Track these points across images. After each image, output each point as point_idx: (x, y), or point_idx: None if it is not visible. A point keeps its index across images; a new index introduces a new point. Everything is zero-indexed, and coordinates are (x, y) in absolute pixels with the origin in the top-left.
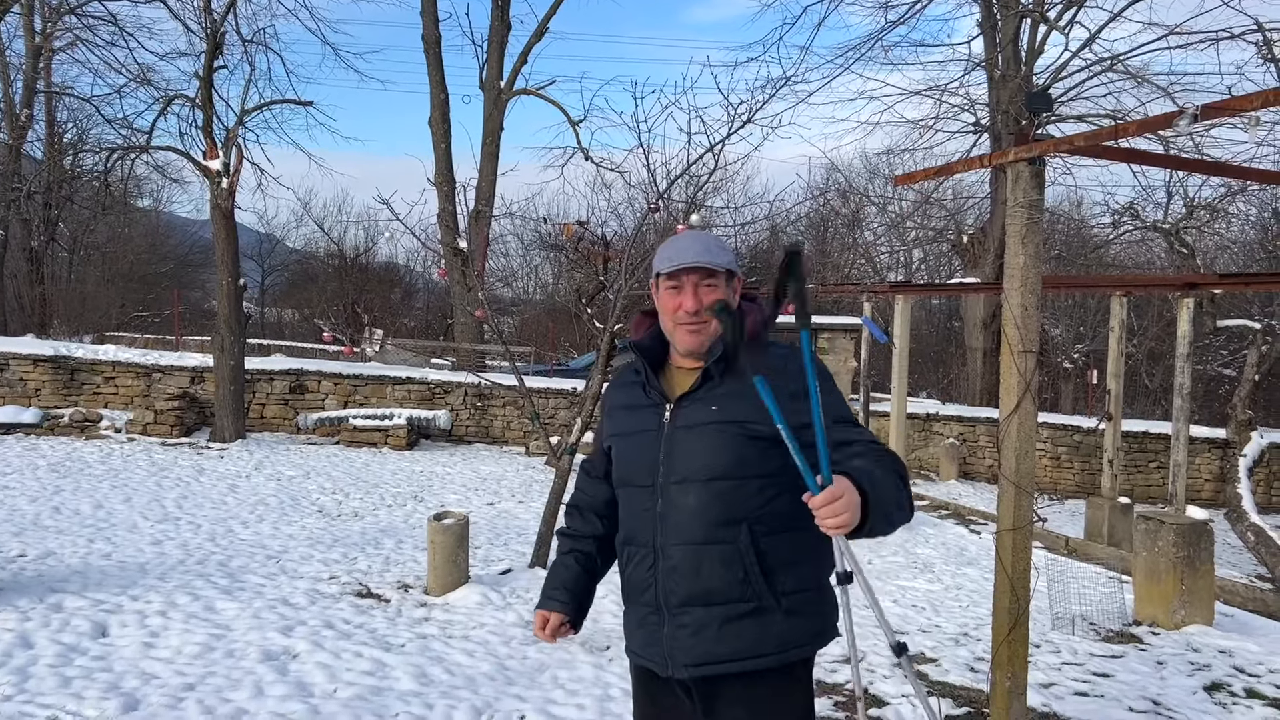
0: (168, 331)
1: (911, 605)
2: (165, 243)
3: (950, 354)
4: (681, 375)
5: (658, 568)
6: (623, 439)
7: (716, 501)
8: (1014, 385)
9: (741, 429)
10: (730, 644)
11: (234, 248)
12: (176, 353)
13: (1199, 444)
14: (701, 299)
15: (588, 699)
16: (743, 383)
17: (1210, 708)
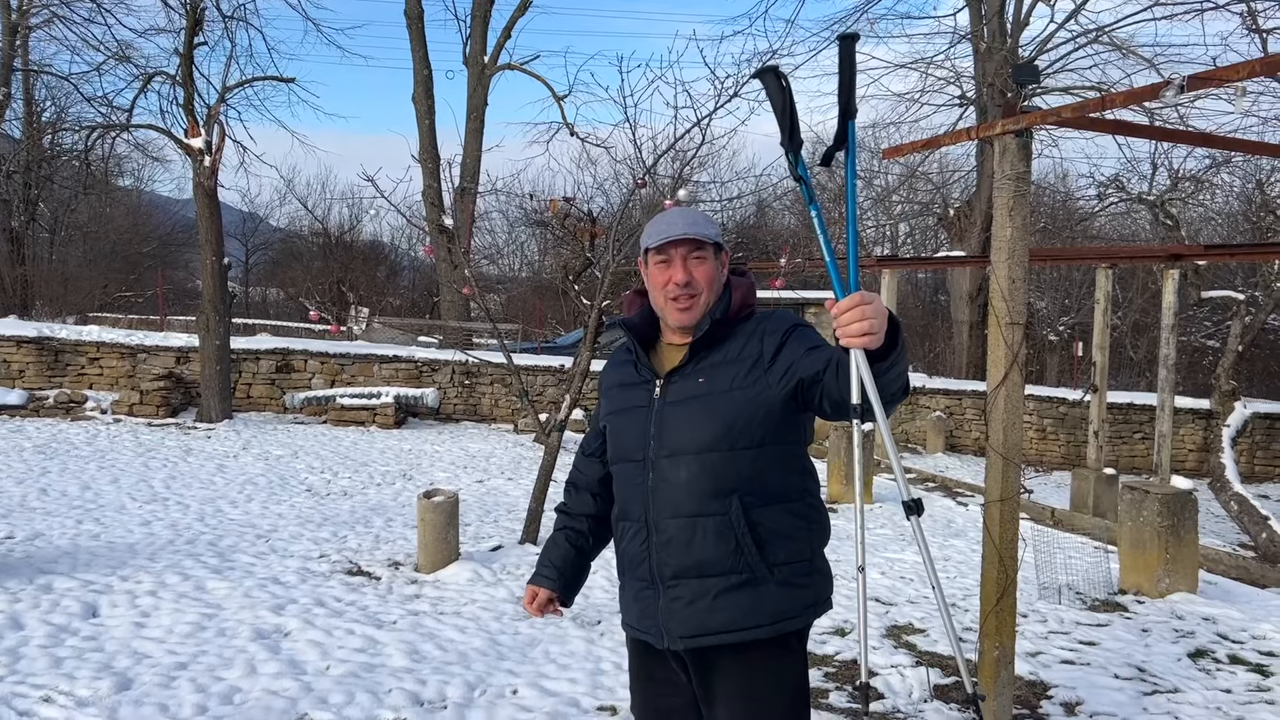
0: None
1: (900, 577)
2: (148, 222)
3: (936, 328)
4: (672, 352)
5: (651, 541)
6: (618, 416)
7: (707, 474)
8: (1001, 357)
9: (728, 397)
10: (724, 615)
11: (217, 226)
12: (161, 333)
13: (1183, 415)
14: (691, 272)
15: (580, 672)
16: (727, 350)
17: (1195, 674)
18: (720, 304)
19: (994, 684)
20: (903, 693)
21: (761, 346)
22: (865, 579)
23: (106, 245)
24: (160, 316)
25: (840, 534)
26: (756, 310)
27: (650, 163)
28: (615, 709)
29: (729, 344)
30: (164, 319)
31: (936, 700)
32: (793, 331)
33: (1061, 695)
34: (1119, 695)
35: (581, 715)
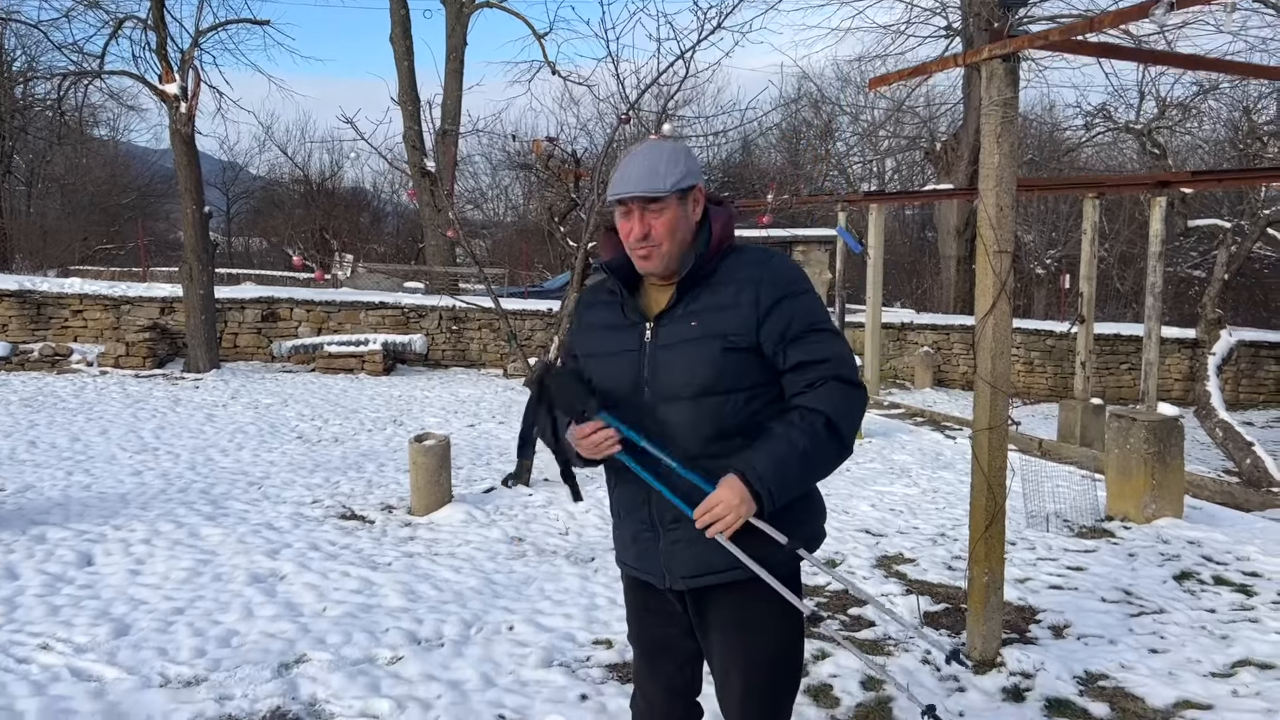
0: (134, 264)
1: (889, 509)
2: (125, 173)
3: (924, 264)
4: (656, 292)
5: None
6: (603, 359)
7: (704, 417)
8: (989, 286)
9: (722, 342)
10: (726, 555)
11: (196, 174)
12: (144, 284)
13: (1169, 344)
14: (649, 225)
15: (574, 608)
16: (720, 293)
17: (1180, 595)
18: (701, 238)
19: (983, 609)
20: (893, 620)
21: (757, 297)
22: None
23: (85, 197)
24: (142, 268)
25: None
26: (736, 241)
27: (634, 98)
28: (610, 642)
29: (720, 286)
30: (146, 271)
31: (927, 627)
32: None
33: (1050, 619)
34: (1106, 618)
35: (577, 649)
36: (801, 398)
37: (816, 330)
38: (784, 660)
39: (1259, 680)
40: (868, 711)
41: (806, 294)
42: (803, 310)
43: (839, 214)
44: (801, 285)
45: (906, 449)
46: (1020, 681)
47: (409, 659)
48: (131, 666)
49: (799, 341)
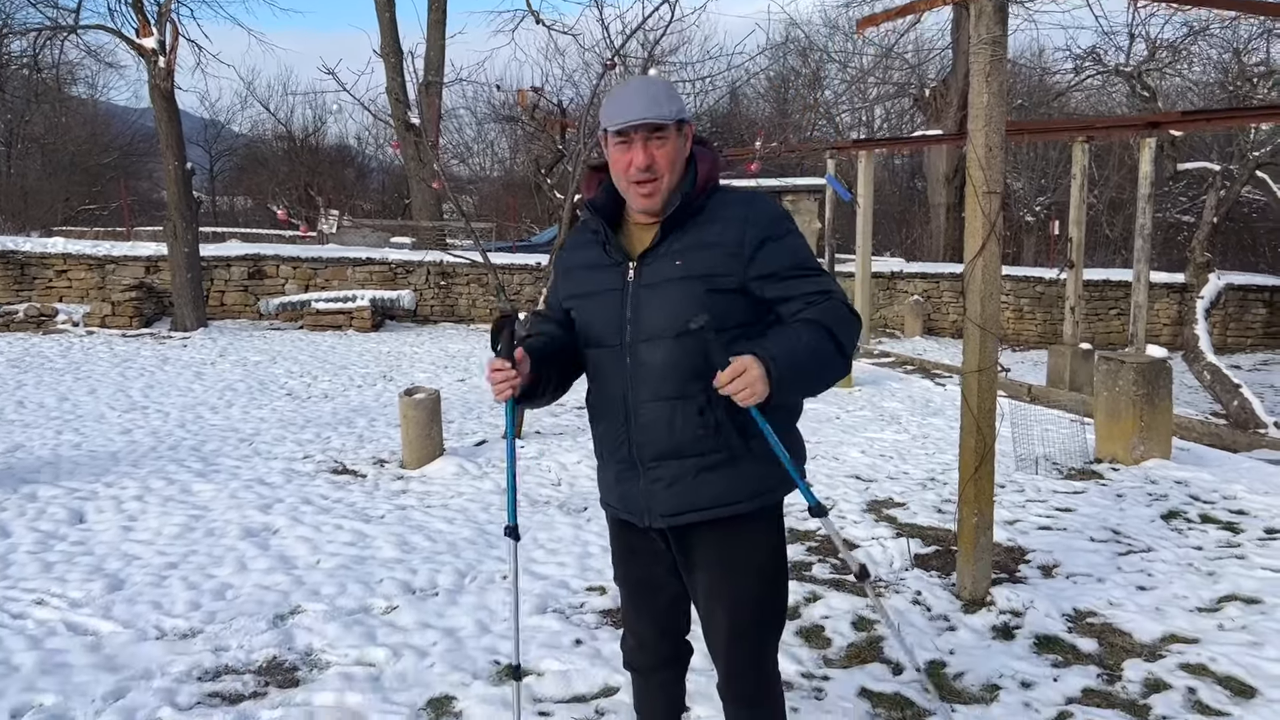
0: (117, 224)
1: (880, 455)
2: (106, 132)
3: (913, 213)
4: (640, 231)
5: (630, 425)
6: (586, 299)
7: (686, 357)
8: (979, 228)
9: (706, 282)
10: (706, 493)
11: (177, 130)
12: (128, 243)
13: (1158, 289)
14: (652, 155)
15: (568, 557)
16: (705, 232)
17: (1167, 533)
18: (687, 179)
19: (973, 549)
20: (884, 562)
21: (743, 236)
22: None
23: (65, 157)
24: (126, 228)
25: (820, 416)
26: (720, 181)
27: (620, 43)
28: (604, 589)
29: (705, 225)
30: (130, 230)
31: (917, 569)
32: (776, 237)
33: (1039, 559)
34: (1094, 557)
35: (571, 595)
36: (800, 315)
37: (804, 268)
38: (769, 598)
39: (1244, 614)
40: (859, 650)
41: (791, 234)
42: (789, 250)
43: (828, 162)
44: (786, 225)
45: (896, 396)
46: (1010, 620)
47: (404, 608)
48: (127, 620)
49: (789, 281)
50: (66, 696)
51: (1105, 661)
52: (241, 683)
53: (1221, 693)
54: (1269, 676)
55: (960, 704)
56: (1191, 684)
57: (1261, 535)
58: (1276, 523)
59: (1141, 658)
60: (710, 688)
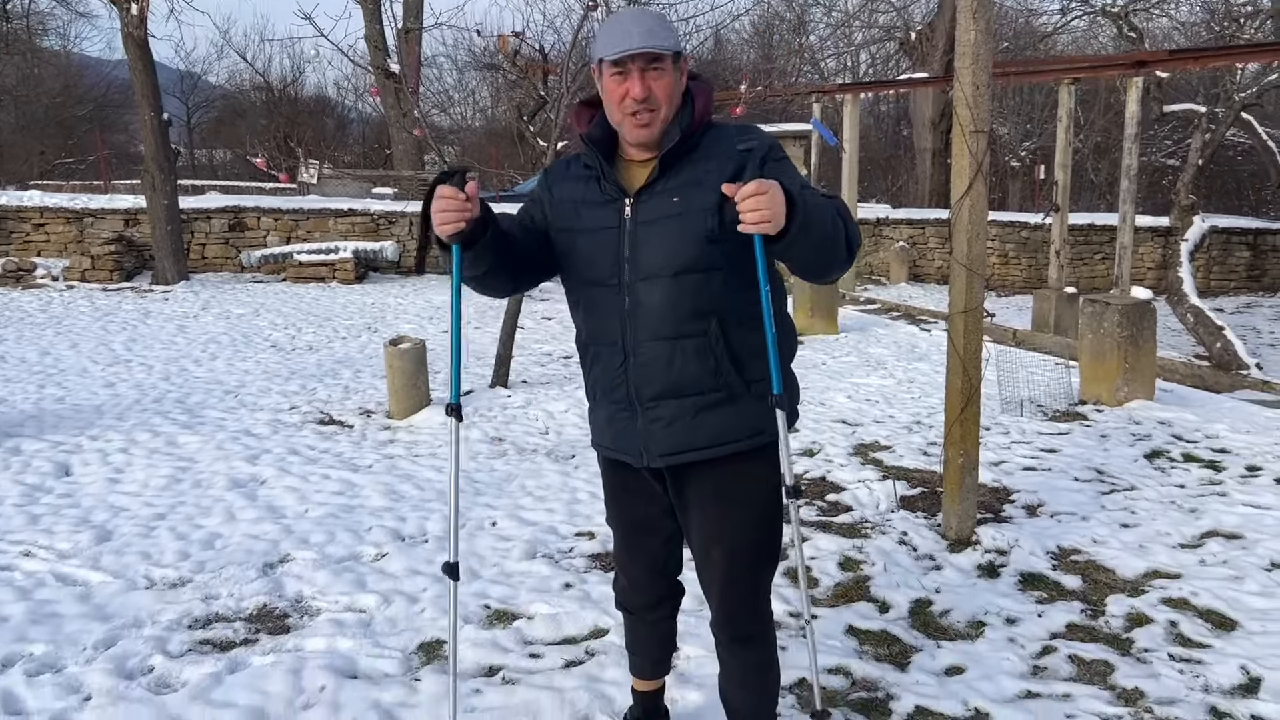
0: (94, 178)
1: (866, 399)
2: (80, 84)
3: (899, 159)
4: (635, 167)
5: (628, 365)
6: (579, 236)
7: (685, 296)
8: (965, 168)
9: (705, 218)
10: (705, 432)
11: (152, 79)
12: (106, 196)
13: (1142, 233)
14: (649, 86)
15: (556, 503)
16: (702, 169)
17: (1150, 473)
18: (684, 114)
19: (959, 490)
20: (870, 504)
21: (742, 167)
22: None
23: (39, 110)
24: (103, 181)
25: (806, 363)
26: (714, 117)
27: None
28: (593, 534)
29: (702, 161)
30: (108, 183)
31: (903, 510)
32: (774, 159)
33: (1023, 499)
34: (1078, 496)
35: (560, 541)
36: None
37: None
38: (765, 538)
39: (1226, 550)
40: (846, 590)
41: (784, 159)
42: (783, 172)
43: (813, 106)
44: (779, 152)
45: (882, 342)
46: (995, 558)
47: (393, 555)
48: (116, 570)
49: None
50: (57, 646)
51: (1089, 597)
52: (232, 630)
53: (1203, 625)
54: (1249, 609)
55: (946, 640)
56: (1173, 618)
57: (1243, 473)
58: (1257, 461)
59: (1124, 593)
60: (700, 627)
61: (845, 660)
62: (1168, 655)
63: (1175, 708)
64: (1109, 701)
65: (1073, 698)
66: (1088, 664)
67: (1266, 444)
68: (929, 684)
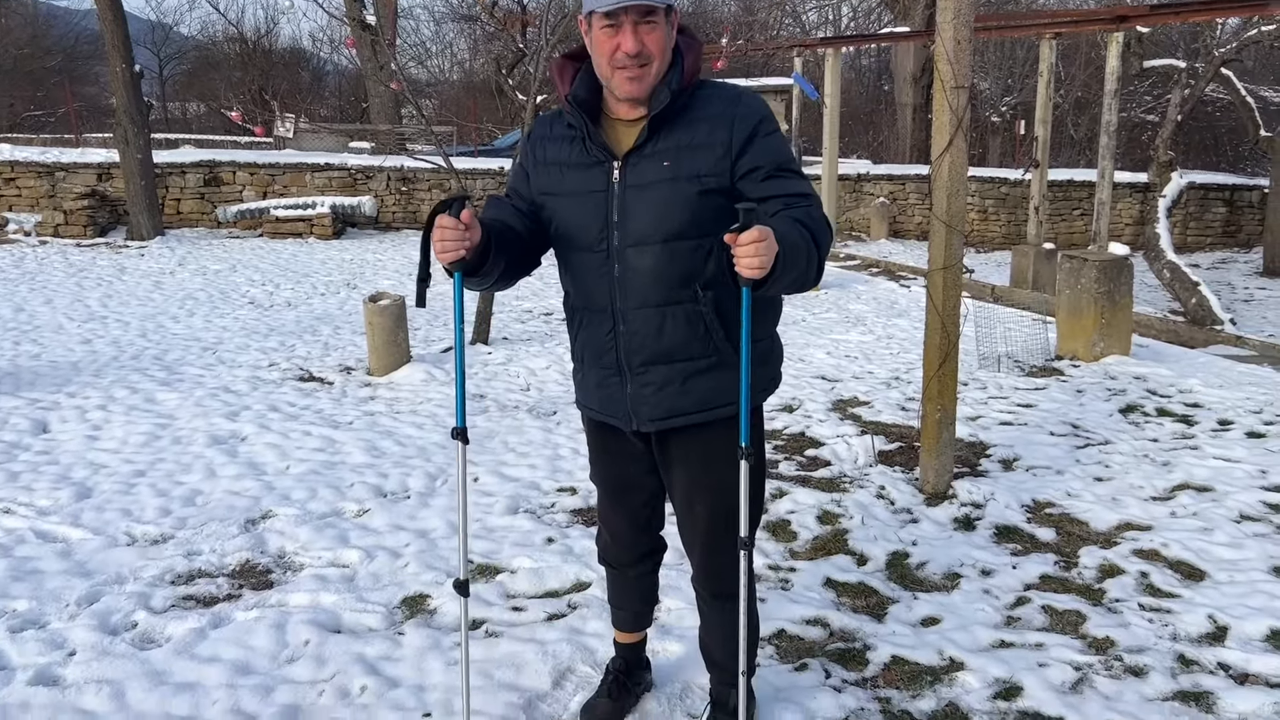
0: (65, 131)
1: (845, 355)
2: (48, 35)
3: (880, 114)
4: (623, 128)
5: (617, 331)
6: (564, 199)
7: (676, 262)
8: (946, 123)
9: (696, 184)
10: (694, 397)
11: (123, 30)
12: (78, 150)
13: (1121, 189)
14: (642, 40)
15: (539, 459)
16: (692, 132)
17: (1125, 427)
18: (674, 73)
19: (936, 444)
20: (848, 459)
21: (731, 136)
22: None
23: (7, 61)
24: (74, 134)
25: (786, 319)
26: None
27: None
28: (575, 489)
29: (692, 125)
30: (79, 137)
31: (881, 465)
32: (763, 134)
33: (1000, 453)
34: (1054, 450)
35: (542, 496)
36: (783, 214)
37: (786, 169)
38: (752, 490)
39: (1196, 502)
40: (824, 543)
41: (775, 134)
42: (773, 149)
43: (795, 61)
44: (771, 124)
45: (862, 299)
46: (971, 511)
47: (375, 511)
48: (96, 527)
49: (770, 181)
50: (40, 602)
51: (1062, 549)
52: (215, 585)
53: (1172, 576)
54: (1218, 560)
55: (922, 592)
56: (1144, 568)
57: (1215, 427)
58: (1229, 415)
59: (1097, 545)
60: (681, 581)
61: (823, 612)
62: (1138, 605)
63: (1144, 656)
64: (1080, 650)
65: (1045, 647)
66: (1060, 614)
67: (1238, 398)
68: (905, 634)
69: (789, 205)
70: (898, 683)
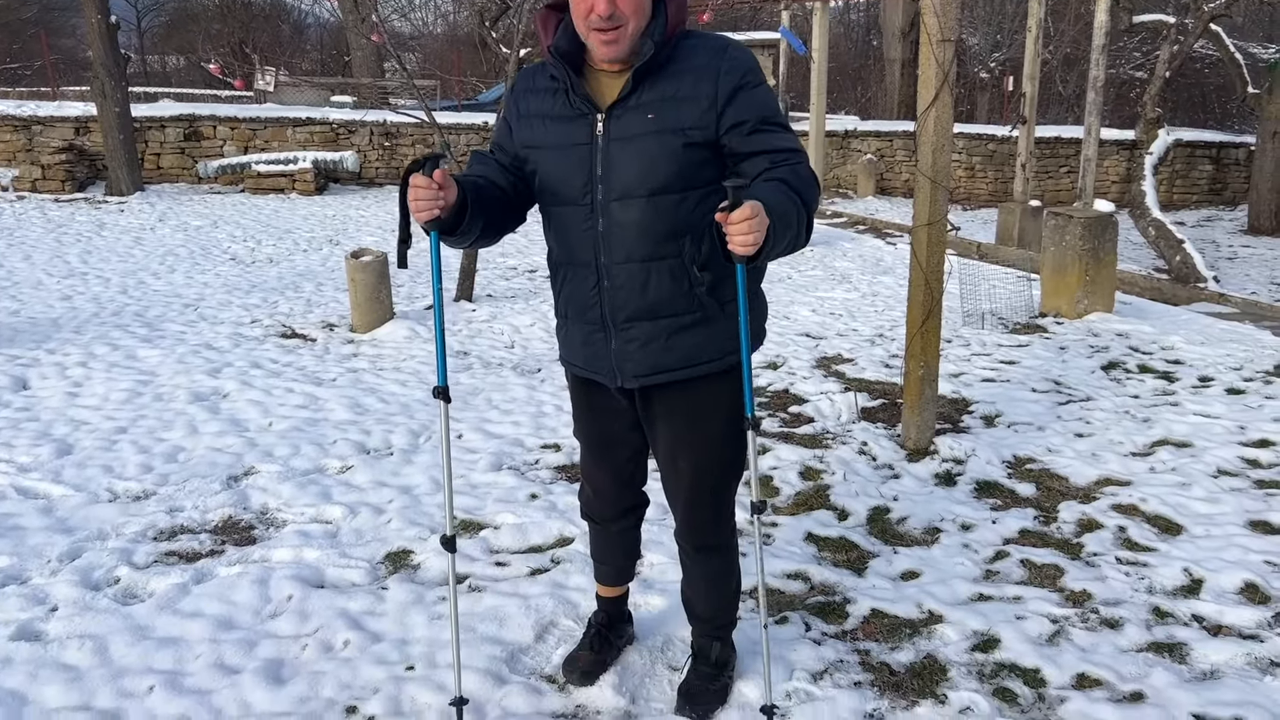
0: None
1: (830, 313)
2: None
3: (869, 70)
4: (607, 80)
5: (602, 286)
6: (548, 152)
7: (660, 216)
8: (932, 78)
9: (680, 136)
10: (678, 353)
11: None
12: (54, 103)
13: (1108, 146)
14: (614, 1)
15: (522, 416)
16: (677, 84)
17: (1106, 383)
18: (657, 24)
19: (918, 401)
20: (831, 416)
21: (716, 88)
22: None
23: None
24: (51, 87)
25: (771, 276)
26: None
27: None
28: (558, 446)
29: (677, 76)
30: (55, 90)
31: (864, 421)
32: (749, 86)
33: (982, 410)
34: (1035, 406)
35: (526, 453)
36: (771, 174)
37: (771, 122)
38: (729, 450)
39: (1175, 457)
40: (806, 498)
41: (761, 85)
42: (758, 102)
43: (782, 14)
44: (758, 76)
45: (848, 256)
46: (952, 467)
47: (359, 468)
48: (78, 484)
49: (755, 135)
50: (21, 558)
51: (1042, 504)
52: (198, 542)
53: (1150, 530)
54: (1195, 515)
55: (903, 546)
56: (1122, 523)
57: (1195, 383)
58: (1210, 371)
59: (1076, 500)
60: (664, 535)
61: (804, 566)
62: (1115, 559)
63: (1120, 608)
64: (1058, 603)
65: (1023, 600)
66: (1038, 568)
67: (1219, 355)
68: (885, 588)
69: (775, 163)
70: (877, 635)
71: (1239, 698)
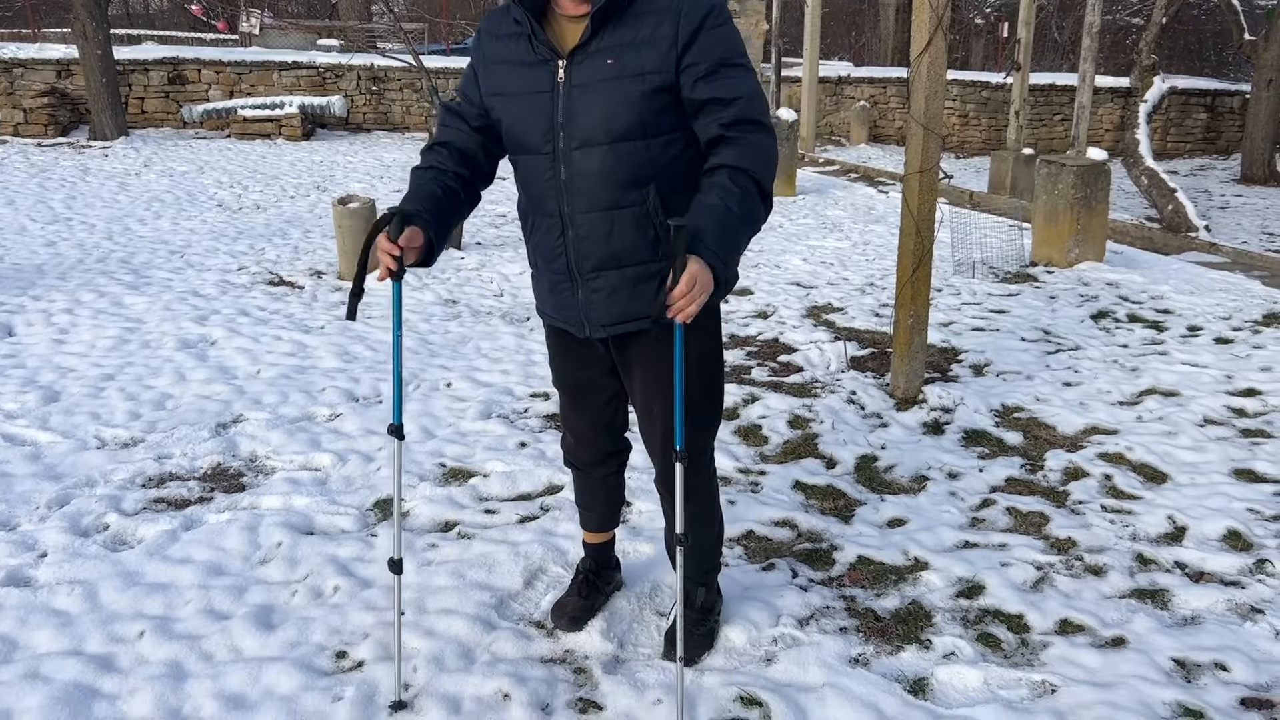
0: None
1: (820, 262)
2: None
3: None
4: (569, 25)
5: (567, 236)
6: (511, 100)
7: (622, 164)
8: (925, 21)
9: (641, 82)
10: (644, 301)
11: None
12: (35, 45)
13: (1102, 94)
14: None
15: (511, 365)
16: (637, 27)
17: (1096, 333)
18: None
19: (907, 350)
20: (821, 365)
21: (677, 30)
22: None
23: None
24: (31, 29)
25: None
26: None
27: None
28: (548, 395)
29: (638, 19)
30: (36, 31)
31: (853, 370)
32: (709, 28)
33: (971, 359)
34: (1024, 356)
35: (515, 401)
36: (721, 154)
37: (729, 65)
38: (704, 396)
39: (1162, 406)
40: (795, 447)
41: (724, 25)
42: (719, 42)
43: None
44: (721, 16)
45: (839, 205)
46: (940, 416)
47: (347, 415)
48: (66, 431)
49: (711, 78)
50: (9, 505)
51: (1029, 453)
52: (187, 489)
53: (1135, 478)
54: (1180, 463)
55: (889, 494)
56: (1108, 471)
57: (1184, 333)
58: (1199, 321)
59: (1063, 448)
60: (651, 483)
61: (791, 514)
62: (1100, 507)
63: (1104, 555)
64: (1042, 550)
65: (1008, 547)
66: (1024, 516)
67: (1208, 304)
68: (871, 535)
69: (725, 133)
70: (863, 582)
71: (1219, 643)
